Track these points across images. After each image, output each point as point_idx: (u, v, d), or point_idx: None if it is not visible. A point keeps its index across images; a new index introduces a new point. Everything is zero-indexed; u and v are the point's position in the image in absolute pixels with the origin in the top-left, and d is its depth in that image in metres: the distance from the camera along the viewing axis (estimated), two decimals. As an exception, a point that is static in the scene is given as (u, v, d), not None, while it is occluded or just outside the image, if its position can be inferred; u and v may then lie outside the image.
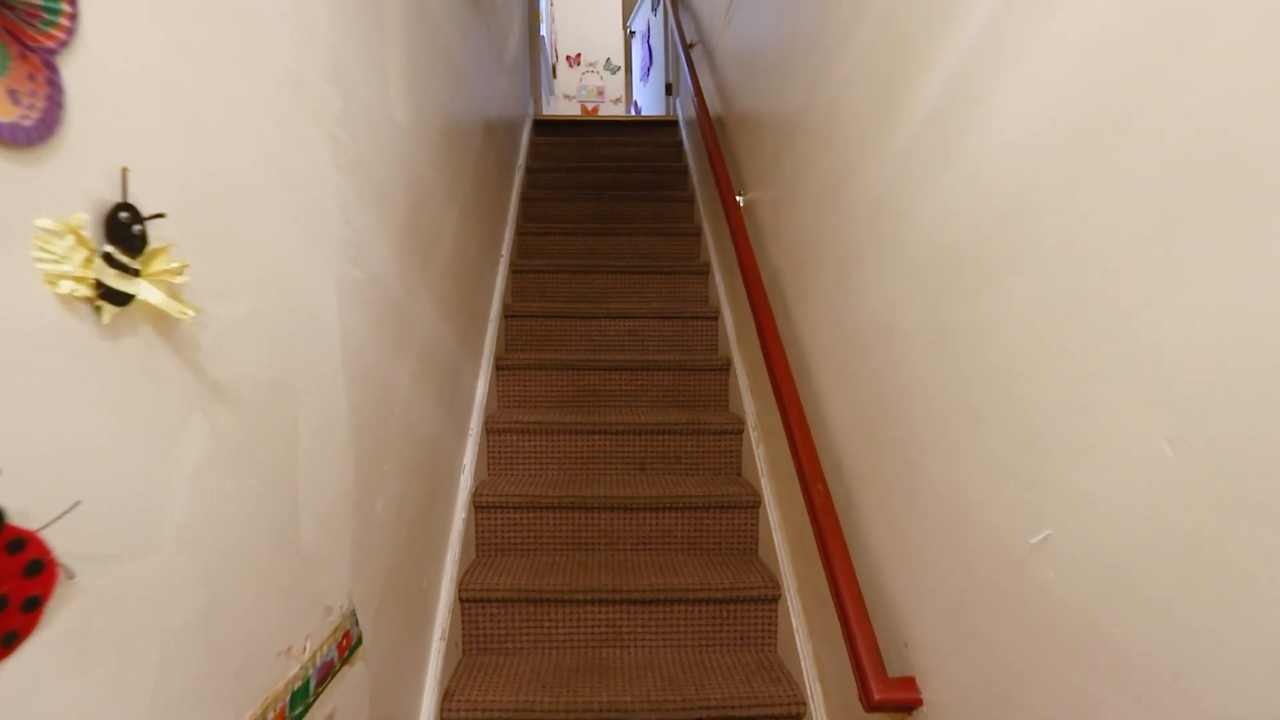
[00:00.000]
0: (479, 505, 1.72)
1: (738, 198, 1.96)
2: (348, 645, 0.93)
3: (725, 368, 2.17)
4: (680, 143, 3.47)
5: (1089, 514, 0.62)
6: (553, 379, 2.15)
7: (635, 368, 2.15)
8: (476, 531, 1.74)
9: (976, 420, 0.79)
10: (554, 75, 5.49)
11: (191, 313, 0.56)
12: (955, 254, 0.84)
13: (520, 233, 2.71)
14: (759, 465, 1.80)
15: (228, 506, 0.65)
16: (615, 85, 6.17)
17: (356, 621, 0.96)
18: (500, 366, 2.13)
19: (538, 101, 3.80)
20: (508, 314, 2.32)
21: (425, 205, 1.38)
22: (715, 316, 2.36)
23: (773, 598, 1.56)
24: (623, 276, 2.53)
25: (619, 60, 6.14)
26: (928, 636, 0.91)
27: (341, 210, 0.94)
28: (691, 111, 3.23)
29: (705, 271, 2.55)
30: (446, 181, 1.57)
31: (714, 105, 2.56)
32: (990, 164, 0.76)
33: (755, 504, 1.76)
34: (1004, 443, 0.74)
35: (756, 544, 1.77)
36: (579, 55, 6.32)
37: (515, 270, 2.52)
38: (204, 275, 0.62)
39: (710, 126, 2.28)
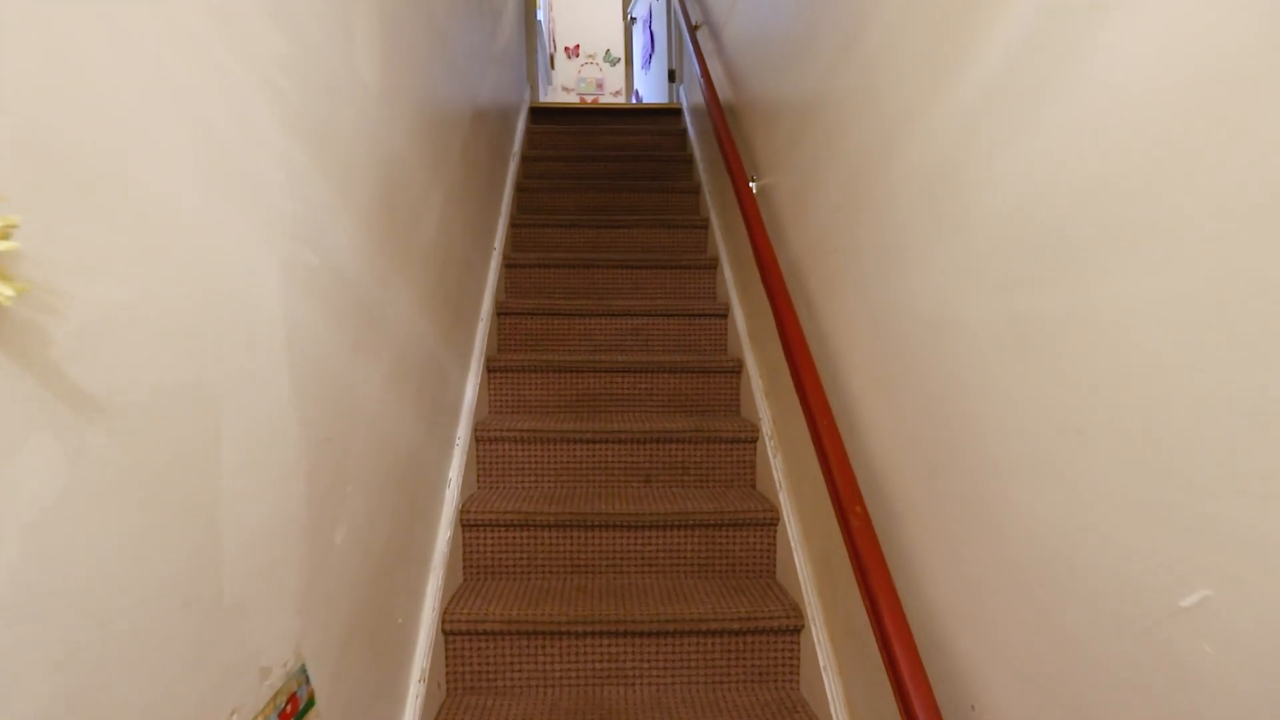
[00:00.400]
0: (466, 523, 1.55)
1: (751, 184, 1.79)
2: (294, 711, 0.76)
3: (737, 369, 2.00)
4: (684, 131, 3.30)
5: (1272, 572, 0.45)
6: (549, 382, 1.98)
7: (639, 369, 1.98)
8: (464, 552, 1.57)
9: (1079, 437, 0.62)
10: (551, 66, 5.32)
11: (11, 293, 0.39)
12: (1046, 228, 0.67)
13: (515, 224, 2.54)
14: (776, 477, 1.63)
15: (97, 557, 0.48)
16: (615, 78, 6.01)
17: (307, 679, 0.79)
18: (492, 368, 1.96)
19: (534, 89, 3.63)
20: (500, 311, 2.15)
21: (402, 184, 1.21)
22: (725, 314, 2.19)
23: (795, 628, 1.39)
24: (625, 271, 2.37)
25: (619, 52, 5.97)
26: (1004, 702, 0.74)
27: (288, 178, 0.77)
28: (696, 98, 3.07)
29: (713, 265, 2.38)
30: (428, 161, 1.40)
31: (722, 89, 2.39)
32: (1117, 104, 0.59)
33: (773, 521, 1.59)
34: (1125, 468, 0.57)
35: (774, 565, 1.60)
36: (577, 47, 6.16)
37: (509, 264, 2.35)
38: (63, 243, 0.45)
39: (719, 108, 2.11)
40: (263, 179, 0.71)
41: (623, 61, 6.07)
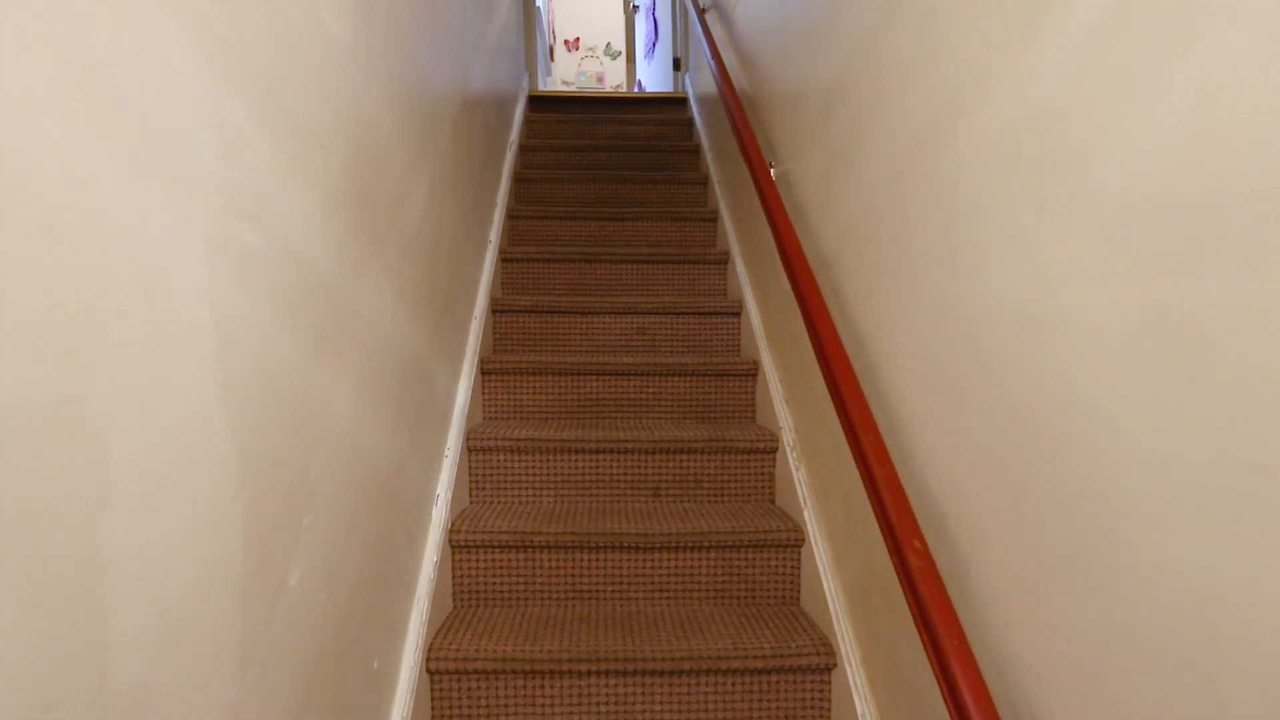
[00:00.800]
0: (456, 544, 1.39)
1: (769, 170, 1.63)
2: (224, 811, 0.60)
3: (752, 372, 1.84)
4: (691, 120, 3.14)
5: None
6: (548, 385, 1.82)
7: (646, 372, 1.82)
8: (454, 576, 1.41)
9: (1271, 480, 0.46)
10: (551, 58, 5.16)
11: None
12: (1220, 195, 0.51)
13: (512, 216, 2.38)
14: (800, 492, 1.47)
15: None
16: (616, 71, 5.85)
17: (244, 765, 0.63)
18: (486, 370, 1.80)
19: (533, 77, 3.47)
20: (496, 308, 1.99)
21: (379, 160, 1.05)
22: (737, 312, 2.03)
23: (825, 666, 1.23)
24: (629, 266, 2.21)
25: (620, 45, 5.81)
26: (1132, 802, 0.58)
27: (220, 138, 0.61)
28: (703, 87, 2.91)
29: (724, 260, 2.22)
30: (413, 138, 1.24)
31: (735, 74, 2.23)
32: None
33: (797, 542, 1.43)
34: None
35: (799, 591, 1.44)
36: (578, 39, 6.00)
37: (506, 258, 2.19)
38: None
39: (731, 90, 1.95)
40: (182, 135, 0.55)
41: (624, 56, 5.92)
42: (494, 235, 2.13)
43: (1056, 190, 0.67)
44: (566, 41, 5.96)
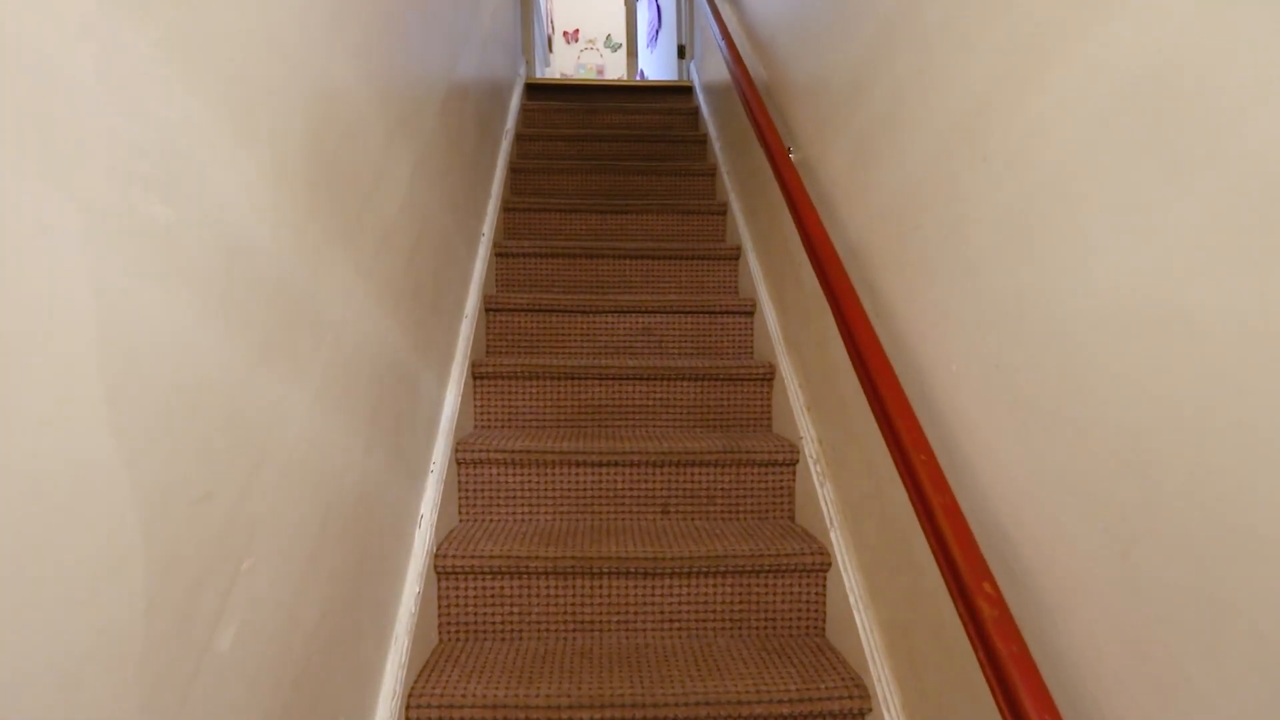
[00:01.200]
0: (443, 571, 1.24)
1: (789, 155, 1.48)
2: None
3: (768, 377, 1.69)
4: (696, 110, 2.99)
5: None
6: (546, 391, 1.67)
7: (652, 376, 1.67)
8: (440, 606, 1.26)
9: None
10: (550, 49, 5.01)
11: None
12: None
13: (508, 208, 2.23)
14: (825, 511, 1.32)
15: None
16: (616, 64, 5.70)
17: None
18: (478, 374, 1.65)
19: (530, 64, 3.32)
20: (490, 307, 1.84)
21: (351, 133, 0.90)
22: (750, 311, 1.89)
23: (859, 711, 1.09)
24: (633, 262, 2.06)
25: (620, 37, 5.67)
26: None
27: (110, 76, 0.46)
28: (711, 74, 2.76)
29: (734, 256, 2.08)
30: (393, 113, 1.09)
31: (748, 59, 2.09)
32: None
33: (823, 566, 1.28)
34: None
35: (824, 621, 1.29)
36: (576, 31, 5.85)
37: (501, 253, 2.04)
38: None
39: (744, 70, 1.81)
40: (45, 65, 0.41)
41: (624, 49, 5.77)
42: (488, 228, 1.98)
43: (1198, 153, 0.52)
44: (565, 33, 5.82)
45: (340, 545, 0.86)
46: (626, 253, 2.05)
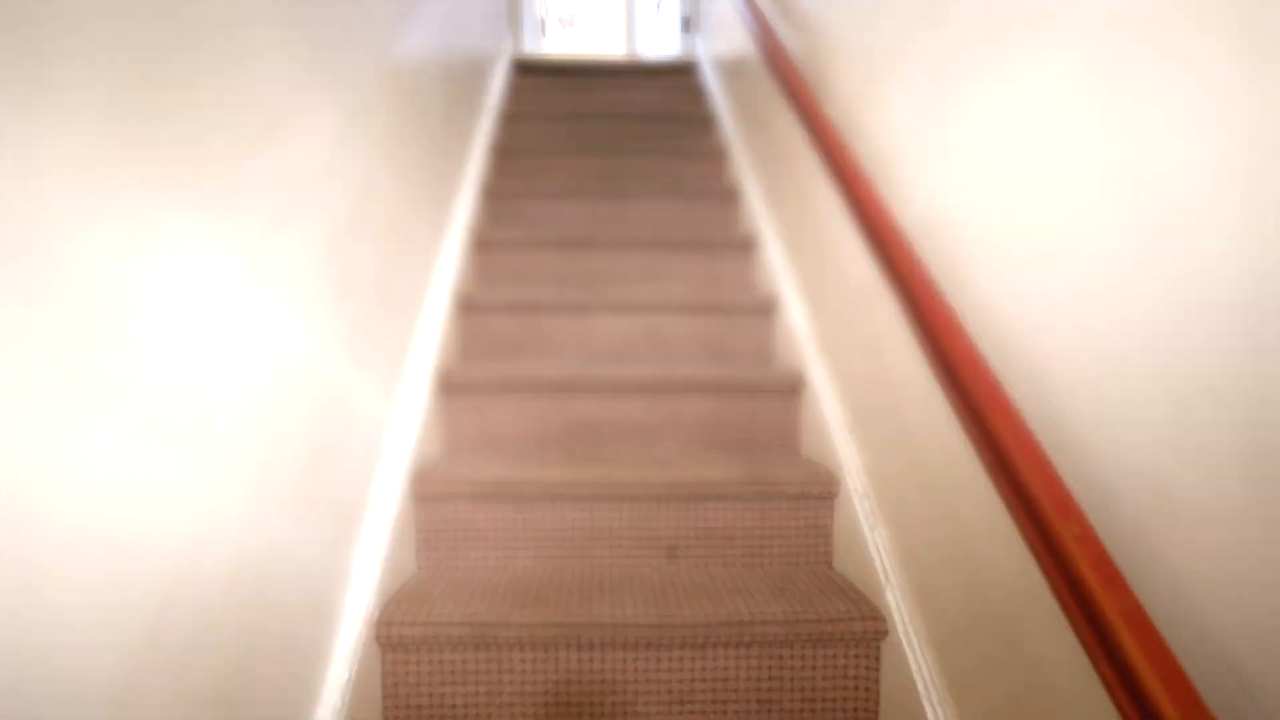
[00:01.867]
0: (387, 642, 0.96)
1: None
2: None
3: (795, 388, 1.41)
4: (701, 88, 2.71)
5: None
6: (528, 406, 1.39)
7: (656, 388, 1.39)
8: (385, 686, 0.98)
9: None
10: (543, 33, 4.72)
11: None
12: None
13: (490, 194, 1.95)
14: (878, 562, 1.04)
15: None
16: (614, 41, 5.41)
17: None
18: (448, 387, 1.37)
19: (518, 40, 3.04)
20: (465, 305, 1.56)
21: (210, 35, 0.62)
22: (769, 310, 1.61)
23: (939, 847, 0.81)
24: (633, 254, 1.78)
25: (620, 13, 5.37)
26: None
27: None
28: (721, 47, 2.48)
29: (748, 246, 1.79)
30: (304, 40, 0.81)
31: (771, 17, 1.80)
32: None
33: (877, 634, 1.00)
34: None
35: (877, 706, 1.01)
36: (573, 20, 5.56)
37: (481, 243, 1.76)
38: None
39: (765, 24, 1.53)
40: None
41: (624, 39, 5.48)
42: (462, 213, 1.70)
43: None
44: (561, 21, 5.53)
45: (199, 656, 0.58)
46: (626, 242, 1.77)
